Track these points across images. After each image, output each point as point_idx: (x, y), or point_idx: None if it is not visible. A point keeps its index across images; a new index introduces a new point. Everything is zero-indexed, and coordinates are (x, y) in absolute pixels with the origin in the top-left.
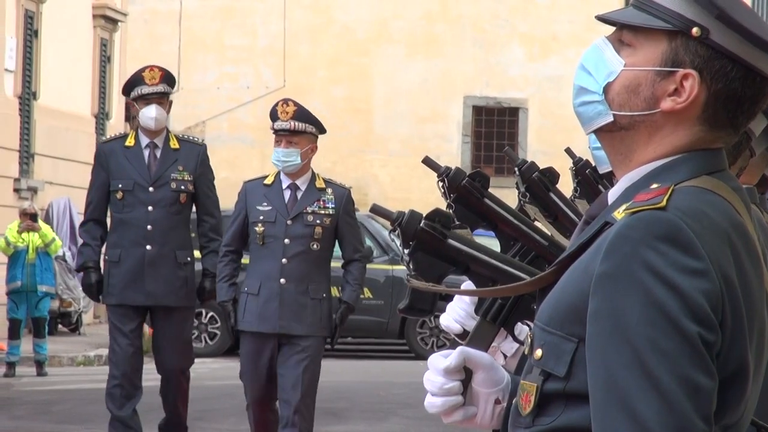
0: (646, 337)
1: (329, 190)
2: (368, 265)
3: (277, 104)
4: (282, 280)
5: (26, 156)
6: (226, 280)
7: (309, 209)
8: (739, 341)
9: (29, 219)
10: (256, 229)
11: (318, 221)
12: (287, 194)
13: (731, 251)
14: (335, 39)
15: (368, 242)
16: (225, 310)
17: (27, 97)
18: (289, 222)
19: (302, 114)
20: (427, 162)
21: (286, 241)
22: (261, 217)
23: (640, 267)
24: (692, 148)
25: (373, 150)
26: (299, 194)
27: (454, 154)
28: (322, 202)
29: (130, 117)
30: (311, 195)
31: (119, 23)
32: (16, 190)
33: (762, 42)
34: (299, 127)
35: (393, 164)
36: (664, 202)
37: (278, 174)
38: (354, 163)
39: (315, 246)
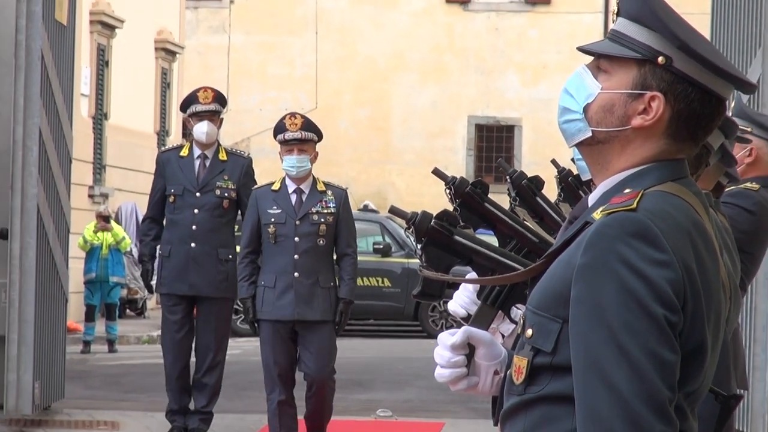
0: (620, 319)
1: (329, 192)
2: (387, 259)
3: (284, 118)
4: (296, 274)
5: (99, 167)
6: (246, 279)
7: (313, 210)
8: (698, 322)
9: (104, 220)
10: (269, 230)
11: (322, 220)
12: (293, 198)
13: (692, 246)
14: (359, 68)
15: (387, 239)
16: (245, 306)
17: (99, 117)
18: (297, 222)
19: (308, 125)
20: (436, 172)
21: (296, 239)
22: (272, 219)
23: (614, 259)
24: (659, 159)
25: (392, 161)
26: (304, 197)
27: (460, 165)
28: (324, 203)
29: (187, 133)
30: (314, 197)
31: (177, 55)
32: (90, 196)
33: (717, 69)
34: (307, 136)
35: (408, 173)
36: (635, 205)
37: (283, 180)
38: (375, 172)
39: (321, 242)
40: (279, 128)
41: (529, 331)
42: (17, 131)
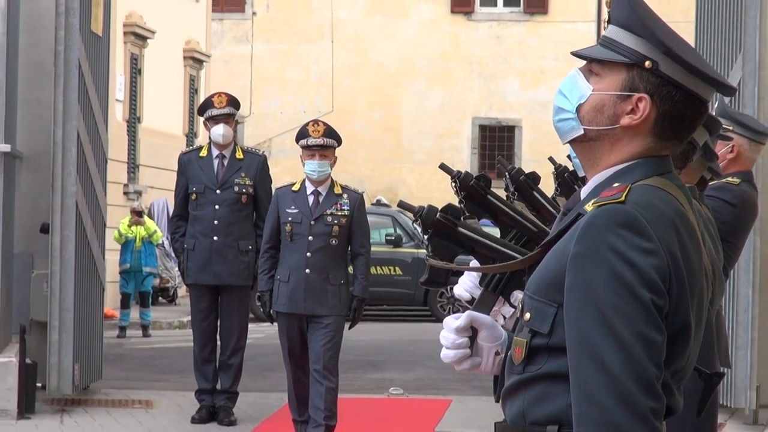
0: (610, 303)
1: (345, 195)
2: (399, 249)
3: (307, 124)
4: (307, 270)
5: (133, 167)
6: (266, 273)
7: (328, 211)
8: (682, 305)
9: (137, 215)
10: (286, 228)
11: (336, 221)
12: (311, 199)
13: (676, 235)
14: (372, 73)
15: (398, 231)
16: (263, 299)
17: (133, 121)
18: (312, 222)
19: (330, 131)
20: (443, 167)
21: (310, 238)
22: (290, 218)
23: (605, 248)
24: (645, 155)
25: (402, 160)
26: (321, 199)
27: (465, 163)
28: (338, 206)
29: None
30: (330, 199)
31: (204, 63)
32: (125, 193)
33: (700, 73)
34: (329, 143)
35: (418, 171)
36: (623, 197)
37: (304, 182)
38: (387, 170)
39: (334, 242)
40: (302, 134)
41: (527, 315)
42: (57, 134)
